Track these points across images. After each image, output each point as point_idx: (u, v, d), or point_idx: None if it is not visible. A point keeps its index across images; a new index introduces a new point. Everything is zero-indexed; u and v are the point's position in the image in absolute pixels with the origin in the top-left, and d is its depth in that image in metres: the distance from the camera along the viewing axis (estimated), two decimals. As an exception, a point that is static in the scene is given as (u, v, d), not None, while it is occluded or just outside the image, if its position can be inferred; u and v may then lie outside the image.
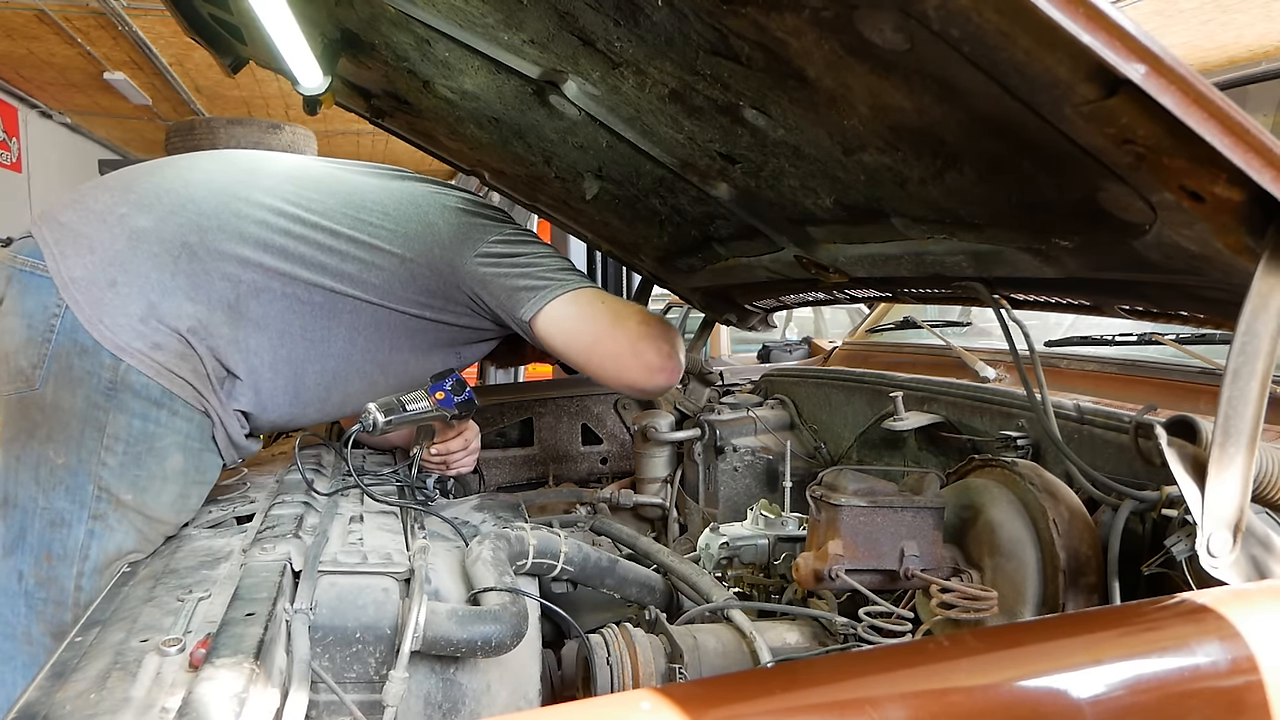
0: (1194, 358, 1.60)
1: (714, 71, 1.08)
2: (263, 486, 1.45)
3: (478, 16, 1.36)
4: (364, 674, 0.94)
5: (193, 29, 1.99)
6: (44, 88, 7.82)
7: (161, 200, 1.39)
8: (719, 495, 1.85)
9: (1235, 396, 0.82)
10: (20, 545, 1.25)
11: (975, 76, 0.76)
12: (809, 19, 0.82)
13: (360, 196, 1.59)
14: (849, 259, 1.50)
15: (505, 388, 2.77)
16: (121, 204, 1.37)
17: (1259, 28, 5.02)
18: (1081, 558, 1.06)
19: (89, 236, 1.31)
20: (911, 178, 1.08)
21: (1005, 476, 1.19)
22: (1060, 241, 1.04)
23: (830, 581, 1.15)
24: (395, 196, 1.63)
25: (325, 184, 1.58)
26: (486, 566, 1.08)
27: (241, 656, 0.74)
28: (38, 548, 1.24)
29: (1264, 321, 0.80)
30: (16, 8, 5.37)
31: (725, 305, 2.32)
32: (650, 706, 0.65)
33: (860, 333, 2.71)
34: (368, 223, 1.54)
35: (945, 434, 1.59)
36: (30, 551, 1.24)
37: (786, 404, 2.09)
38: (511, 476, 2.36)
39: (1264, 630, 0.76)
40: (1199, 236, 0.83)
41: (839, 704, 0.69)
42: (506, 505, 1.37)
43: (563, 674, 1.24)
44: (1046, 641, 0.77)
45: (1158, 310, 1.13)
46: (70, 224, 1.33)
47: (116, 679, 0.76)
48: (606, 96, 1.39)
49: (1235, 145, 0.68)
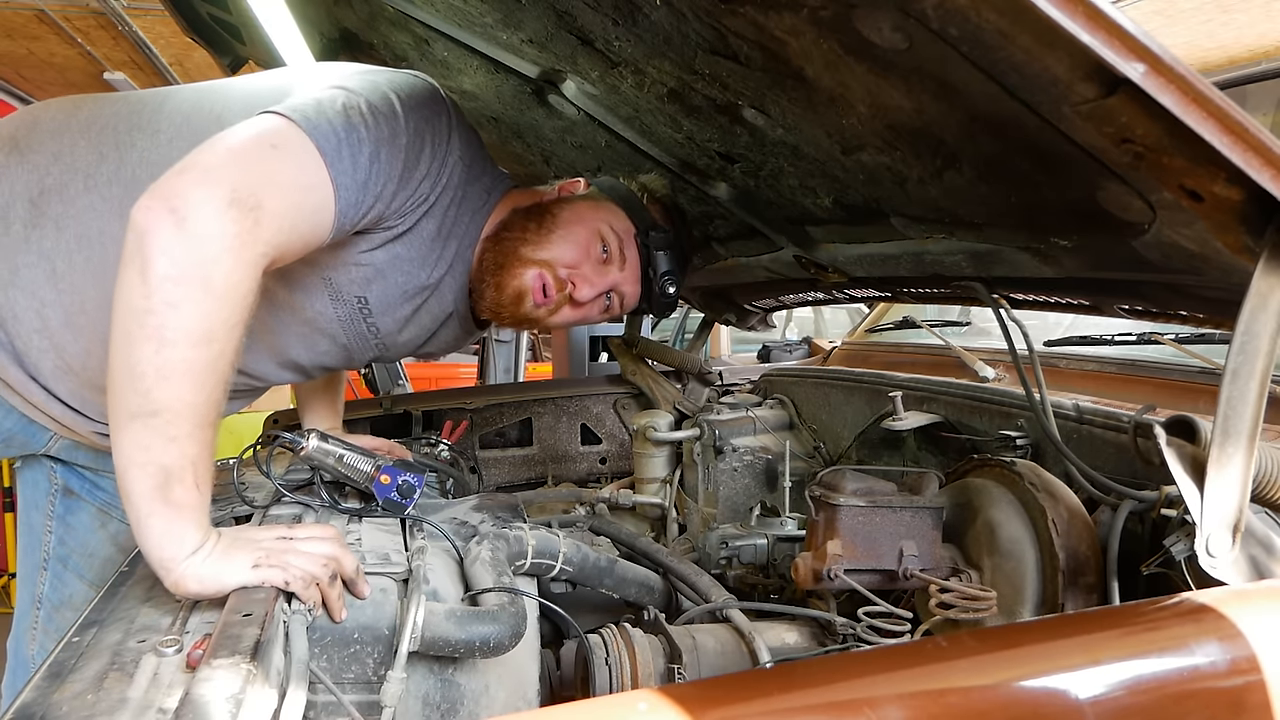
0: (1193, 357, 1.60)
1: (712, 71, 1.08)
2: (260, 486, 1.45)
3: (476, 16, 1.36)
4: (362, 674, 0.94)
5: (192, 29, 1.99)
6: (44, 88, 7.82)
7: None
8: (718, 495, 1.85)
9: (1234, 396, 0.82)
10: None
11: (974, 76, 0.76)
12: (807, 18, 0.82)
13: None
14: (848, 258, 1.50)
15: (505, 388, 2.76)
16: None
17: (1259, 28, 5.01)
18: (1081, 558, 1.06)
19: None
20: (910, 177, 1.08)
21: (1004, 476, 1.19)
22: (1059, 241, 1.04)
23: (829, 581, 1.15)
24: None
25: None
26: (485, 567, 1.08)
27: (239, 657, 0.74)
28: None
29: (1263, 321, 0.80)
30: (16, 8, 5.37)
31: (725, 305, 2.33)
32: (648, 707, 0.65)
33: (860, 333, 2.71)
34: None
35: (944, 434, 1.59)
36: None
37: (786, 404, 2.09)
38: (510, 476, 2.36)
39: (1264, 630, 0.76)
40: (1198, 236, 0.83)
41: (838, 704, 0.69)
42: (505, 505, 1.37)
43: (561, 674, 1.24)
44: (1046, 642, 0.77)
45: (1157, 310, 1.13)
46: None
47: (113, 679, 0.75)
48: (605, 96, 1.39)
49: (1234, 144, 0.68)
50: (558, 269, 1.37)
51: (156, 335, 0.88)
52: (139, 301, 0.89)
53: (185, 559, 0.88)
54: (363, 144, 1.11)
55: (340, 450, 1.25)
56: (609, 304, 1.47)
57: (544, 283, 1.36)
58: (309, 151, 1.06)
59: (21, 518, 1.56)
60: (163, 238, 0.90)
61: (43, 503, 1.52)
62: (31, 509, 1.53)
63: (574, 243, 1.39)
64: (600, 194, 1.48)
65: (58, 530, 1.53)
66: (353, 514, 1.25)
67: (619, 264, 1.43)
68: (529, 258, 1.36)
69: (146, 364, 0.88)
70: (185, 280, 0.90)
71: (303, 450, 1.24)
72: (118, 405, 0.90)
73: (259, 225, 0.96)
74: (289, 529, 1.00)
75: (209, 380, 0.92)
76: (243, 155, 1.01)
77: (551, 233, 1.38)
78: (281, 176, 1.03)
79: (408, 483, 1.25)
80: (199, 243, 0.91)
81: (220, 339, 0.93)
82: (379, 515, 1.25)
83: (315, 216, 1.09)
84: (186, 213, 0.91)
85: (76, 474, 1.51)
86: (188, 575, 0.88)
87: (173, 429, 0.89)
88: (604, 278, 1.42)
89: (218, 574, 0.90)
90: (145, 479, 0.89)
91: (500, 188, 1.42)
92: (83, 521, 1.53)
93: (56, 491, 1.52)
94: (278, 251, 1.02)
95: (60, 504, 1.52)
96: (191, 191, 0.93)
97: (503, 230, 1.38)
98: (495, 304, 1.37)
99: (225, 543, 0.93)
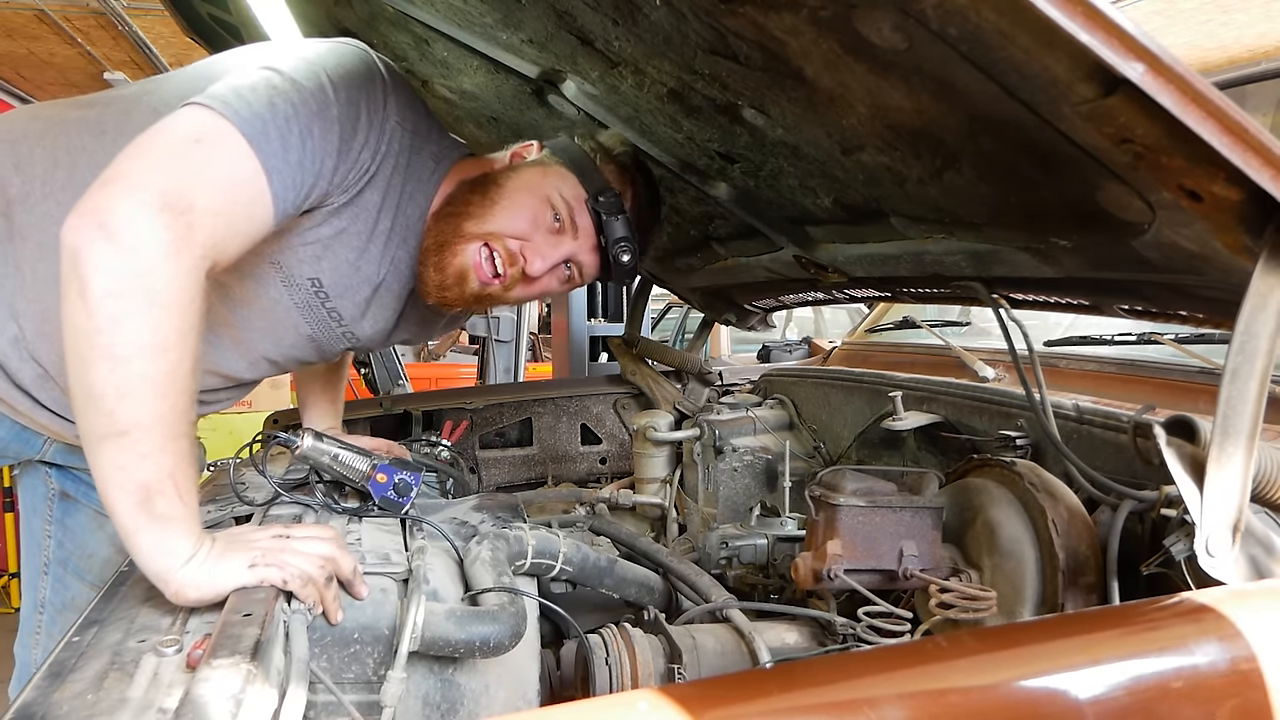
0: (1193, 357, 1.60)
1: (712, 71, 1.08)
2: (260, 486, 1.45)
3: (476, 16, 1.36)
4: (362, 674, 0.94)
5: (192, 29, 1.99)
6: (44, 88, 7.82)
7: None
8: (718, 495, 1.85)
9: (1234, 396, 0.82)
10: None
11: (973, 76, 0.76)
12: (807, 18, 0.82)
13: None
14: (848, 258, 1.50)
15: (505, 388, 2.77)
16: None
17: (1259, 28, 5.01)
18: (1080, 557, 1.06)
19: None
20: (910, 177, 1.08)
21: (1004, 476, 1.19)
22: (1059, 241, 1.04)
23: (829, 581, 1.15)
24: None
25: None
26: (485, 567, 1.08)
27: (239, 657, 0.74)
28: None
29: (1262, 321, 0.80)
30: (16, 8, 5.37)
31: (724, 305, 2.33)
32: (648, 707, 0.65)
33: (859, 333, 2.71)
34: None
35: (944, 434, 1.59)
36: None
37: (786, 404, 2.09)
38: (510, 476, 2.36)
39: (1264, 630, 0.76)
40: (1197, 236, 0.83)
41: (837, 704, 0.69)
42: (505, 505, 1.37)
43: (561, 674, 1.24)
44: (1045, 642, 0.77)
45: (1156, 310, 1.13)
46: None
47: (114, 679, 0.75)
48: (605, 96, 1.39)
49: (1234, 144, 0.68)
50: (506, 241, 1.28)
51: (108, 353, 0.86)
52: (84, 322, 0.86)
53: (180, 568, 0.88)
54: (291, 123, 1.06)
55: (335, 449, 1.25)
56: (569, 274, 1.37)
57: (490, 256, 1.27)
58: (234, 140, 1.01)
59: (23, 524, 1.57)
60: (96, 254, 0.87)
61: (41, 508, 1.52)
62: (31, 514, 1.53)
63: (521, 212, 1.29)
64: (551, 158, 1.35)
65: (56, 534, 1.53)
66: (351, 514, 1.25)
67: (572, 233, 1.32)
68: (471, 232, 1.27)
69: (104, 384, 0.86)
70: (127, 294, 0.87)
71: (298, 449, 1.24)
72: (85, 429, 0.88)
73: (193, 228, 0.93)
74: (285, 528, 1.00)
75: (171, 391, 0.89)
76: (166, 156, 0.97)
77: (495, 204, 1.28)
78: (209, 172, 0.98)
79: (404, 481, 1.25)
80: (134, 254, 0.88)
81: (174, 347, 0.90)
82: (377, 515, 1.25)
83: (252, 207, 1.04)
84: (116, 225, 0.88)
85: (72, 477, 1.51)
86: (186, 584, 0.88)
87: (143, 445, 0.88)
88: (557, 249, 1.31)
89: (215, 578, 0.89)
90: (126, 498, 0.88)
91: (450, 157, 1.33)
92: (80, 524, 1.53)
93: (54, 496, 1.52)
94: (218, 250, 0.99)
95: (58, 508, 1.52)
96: (118, 203, 0.90)
97: (447, 206, 1.30)
98: (439, 287, 1.29)
99: (220, 546, 0.92)
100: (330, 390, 1.77)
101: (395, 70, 1.24)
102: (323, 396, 1.76)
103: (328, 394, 1.77)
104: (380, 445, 1.58)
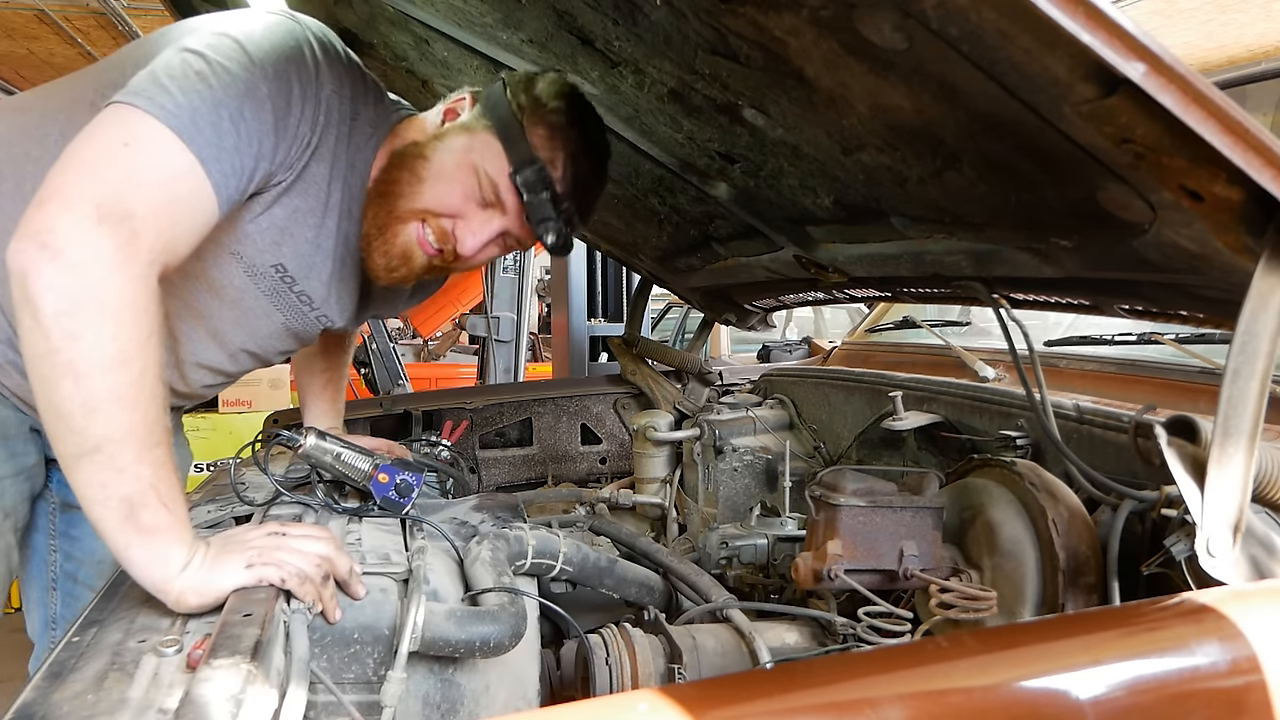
0: (1194, 357, 1.60)
1: (713, 71, 1.08)
2: (260, 486, 1.45)
3: (476, 16, 1.36)
4: (362, 674, 0.94)
5: (191, 29, 1.98)
6: (43, 88, 7.81)
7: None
8: (718, 495, 1.85)
9: (1235, 396, 0.82)
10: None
11: (974, 76, 0.76)
12: (808, 18, 0.82)
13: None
14: (848, 258, 1.50)
15: (505, 388, 2.77)
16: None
17: (1259, 28, 5.02)
18: (1081, 558, 1.06)
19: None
20: (910, 177, 1.08)
21: (1004, 476, 1.19)
22: (1059, 241, 1.04)
23: (829, 581, 1.15)
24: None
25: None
26: (485, 567, 1.08)
27: (239, 657, 0.74)
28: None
29: (1263, 321, 0.80)
30: (16, 8, 5.38)
31: (725, 305, 2.33)
32: (649, 707, 0.65)
33: (860, 332, 2.71)
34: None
35: (945, 434, 1.59)
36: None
37: (786, 404, 2.09)
38: (510, 476, 2.36)
39: (1264, 630, 0.76)
40: (1198, 236, 0.83)
41: (838, 705, 0.69)
42: (505, 505, 1.37)
43: (561, 674, 1.24)
44: (1046, 642, 0.77)
45: (1157, 310, 1.13)
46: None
47: (114, 680, 0.75)
48: (605, 96, 1.39)
49: (1234, 144, 0.68)
50: (440, 219, 1.23)
51: (70, 371, 0.85)
52: (41, 344, 0.86)
53: (177, 576, 0.88)
54: (220, 108, 1.01)
55: (338, 448, 1.25)
56: (506, 243, 1.31)
57: (427, 234, 1.24)
58: (163, 136, 0.97)
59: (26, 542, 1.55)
60: (43, 276, 0.86)
61: (43, 524, 1.50)
62: (33, 531, 1.52)
63: (452, 187, 1.22)
64: (479, 120, 1.25)
65: (62, 546, 1.52)
66: (351, 514, 1.25)
67: (500, 207, 1.24)
68: (406, 210, 1.23)
69: (70, 402, 0.86)
70: (79, 310, 0.86)
71: (300, 448, 1.24)
72: (59, 449, 0.88)
73: (137, 234, 0.91)
74: (281, 526, 0.99)
75: (139, 401, 0.88)
76: (95, 165, 0.94)
77: (423, 180, 1.22)
78: (142, 175, 0.96)
79: (405, 481, 1.25)
80: (80, 269, 0.87)
81: (136, 357, 0.89)
82: (377, 514, 1.25)
83: (194, 201, 1.01)
84: (58, 244, 0.87)
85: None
86: (185, 590, 0.88)
87: (119, 459, 0.87)
88: (488, 225, 1.25)
89: (213, 581, 0.89)
90: (110, 514, 0.87)
91: (387, 121, 1.28)
92: (85, 531, 1.52)
93: (55, 509, 1.50)
94: (168, 251, 0.97)
95: (60, 520, 1.51)
96: (57, 220, 0.88)
97: (380, 184, 1.26)
98: (387, 269, 1.26)
99: (215, 550, 0.92)
100: (331, 390, 1.77)
101: (325, 36, 1.20)
102: (323, 396, 1.76)
103: (328, 393, 1.77)
104: (381, 445, 1.58)
